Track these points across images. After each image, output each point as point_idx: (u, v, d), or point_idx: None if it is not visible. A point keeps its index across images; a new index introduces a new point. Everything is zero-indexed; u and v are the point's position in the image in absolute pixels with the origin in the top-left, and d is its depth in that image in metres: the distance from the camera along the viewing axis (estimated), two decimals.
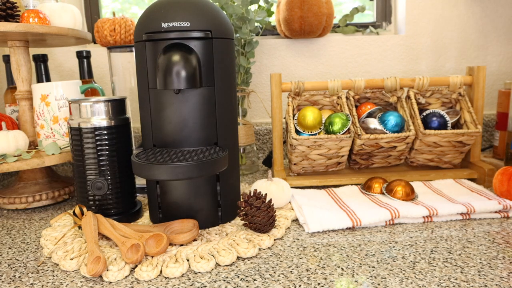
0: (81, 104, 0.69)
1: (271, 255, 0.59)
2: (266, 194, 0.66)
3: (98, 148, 0.68)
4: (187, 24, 0.61)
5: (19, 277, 0.56)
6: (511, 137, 0.89)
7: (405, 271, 0.53)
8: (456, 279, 0.51)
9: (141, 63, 0.66)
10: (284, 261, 0.57)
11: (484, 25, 1.20)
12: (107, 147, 0.69)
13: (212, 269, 0.55)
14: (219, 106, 0.66)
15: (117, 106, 0.70)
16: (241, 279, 0.53)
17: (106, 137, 0.69)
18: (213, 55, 0.64)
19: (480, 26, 1.20)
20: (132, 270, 0.55)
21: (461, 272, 0.52)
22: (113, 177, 0.70)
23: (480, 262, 0.55)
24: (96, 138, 0.68)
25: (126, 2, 1.34)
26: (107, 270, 0.54)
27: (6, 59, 1.04)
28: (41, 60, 1.00)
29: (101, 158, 0.69)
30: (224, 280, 0.52)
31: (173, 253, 0.58)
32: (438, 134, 0.85)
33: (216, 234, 0.65)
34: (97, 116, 0.69)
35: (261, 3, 1.11)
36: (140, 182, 0.88)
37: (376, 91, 0.93)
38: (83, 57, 1.02)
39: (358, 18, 1.28)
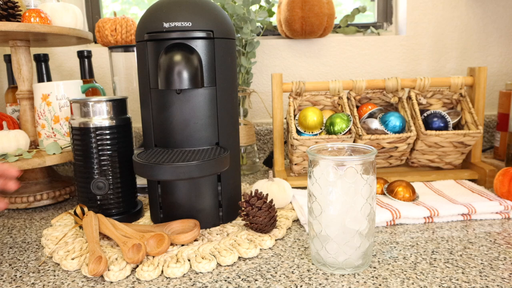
0: (83, 103, 0.69)
1: (272, 256, 0.59)
2: (267, 194, 0.66)
3: (99, 148, 0.68)
4: (189, 24, 0.61)
5: (20, 276, 0.56)
6: None
7: (406, 271, 0.53)
8: (457, 279, 0.51)
9: (143, 63, 0.65)
10: (286, 261, 0.57)
11: (485, 26, 1.20)
12: (108, 147, 0.69)
13: (214, 269, 0.55)
14: (221, 106, 0.66)
15: (119, 106, 0.70)
16: (242, 279, 0.53)
17: (107, 137, 0.69)
18: (214, 55, 0.64)
19: (481, 27, 1.20)
20: (133, 270, 0.55)
21: (463, 272, 0.52)
22: (114, 177, 0.70)
23: (481, 263, 0.55)
24: (97, 138, 0.68)
25: (125, 3, 1.34)
26: (108, 270, 0.54)
27: (7, 58, 1.04)
28: (42, 60, 1.00)
29: (102, 158, 0.69)
30: (226, 280, 0.52)
31: (174, 253, 0.58)
32: (439, 135, 0.85)
33: (217, 234, 0.65)
34: (99, 115, 0.69)
35: (262, 3, 1.11)
36: (141, 182, 0.88)
37: (377, 92, 0.93)
38: (84, 57, 1.02)
39: (359, 19, 1.28)
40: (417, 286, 0.49)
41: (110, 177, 0.70)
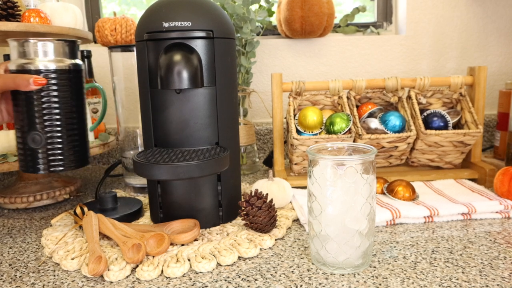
0: (22, 42, 0.60)
1: (272, 255, 0.59)
2: (267, 194, 0.66)
3: (41, 94, 0.59)
4: (189, 23, 0.61)
5: (20, 276, 0.56)
6: None
7: (406, 271, 0.53)
8: (457, 279, 0.51)
9: (142, 62, 0.65)
10: (286, 261, 0.57)
11: (485, 26, 1.20)
12: (55, 93, 0.60)
13: (213, 269, 0.55)
14: (220, 106, 0.66)
15: (67, 48, 0.63)
16: (242, 279, 0.53)
17: (53, 81, 0.61)
18: (214, 55, 0.64)
19: (481, 27, 1.20)
20: (133, 270, 0.55)
21: (463, 272, 0.52)
22: (63, 128, 0.62)
23: (481, 262, 0.55)
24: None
25: (123, 3, 1.34)
26: (108, 270, 0.54)
27: (7, 58, 1.04)
28: None
29: (43, 106, 0.60)
30: (226, 280, 0.52)
31: (174, 253, 0.58)
32: (439, 134, 0.85)
33: (217, 234, 0.65)
34: (43, 57, 0.60)
35: (262, 3, 1.11)
36: (140, 181, 0.88)
37: (377, 91, 0.93)
38: (84, 57, 1.02)
39: (358, 18, 1.28)
40: (417, 285, 0.49)
41: (55, 128, 0.61)
